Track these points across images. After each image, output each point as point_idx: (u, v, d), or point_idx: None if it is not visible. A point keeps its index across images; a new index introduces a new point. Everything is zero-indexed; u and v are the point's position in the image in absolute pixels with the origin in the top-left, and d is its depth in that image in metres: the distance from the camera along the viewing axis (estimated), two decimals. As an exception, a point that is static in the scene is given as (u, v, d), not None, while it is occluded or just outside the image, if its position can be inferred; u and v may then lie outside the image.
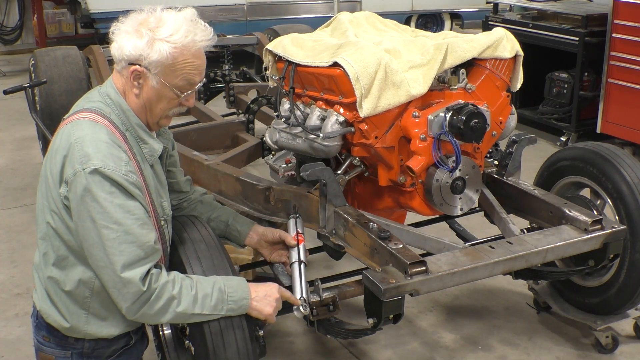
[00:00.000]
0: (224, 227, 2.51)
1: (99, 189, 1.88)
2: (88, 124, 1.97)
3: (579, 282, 3.14)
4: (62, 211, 1.96)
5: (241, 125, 4.29)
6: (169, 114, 2.10)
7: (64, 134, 1.98)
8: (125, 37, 1.99)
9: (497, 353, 3.19)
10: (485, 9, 9.33)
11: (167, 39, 1.97)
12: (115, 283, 1.91)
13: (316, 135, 2.60)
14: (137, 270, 1.90)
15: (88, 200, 1.88)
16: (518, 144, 2.92)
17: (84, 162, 1.89)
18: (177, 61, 1.99)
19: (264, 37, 5.82)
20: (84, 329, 2.05)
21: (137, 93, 2.04)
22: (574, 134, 6.09)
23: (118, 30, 2.02)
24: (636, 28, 5.33)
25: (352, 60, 2.49)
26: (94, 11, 8.08)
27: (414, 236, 2.64)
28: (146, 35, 1.96)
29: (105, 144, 1.93)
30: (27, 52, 9.14)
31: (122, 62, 2.01)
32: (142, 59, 1.97)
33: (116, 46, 2.00)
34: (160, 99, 2.04)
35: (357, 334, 2.71)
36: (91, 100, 2.07)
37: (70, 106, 2.16)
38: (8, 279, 3.92)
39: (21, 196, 5.13)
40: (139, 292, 1.91)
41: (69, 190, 1.91)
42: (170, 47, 1.96)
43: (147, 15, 2.02)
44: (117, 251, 1.88)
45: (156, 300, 1.94)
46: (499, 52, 2.72)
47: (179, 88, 2.03)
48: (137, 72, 2.00)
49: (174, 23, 1.99)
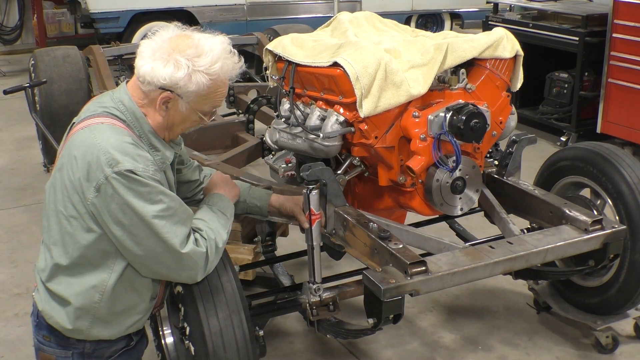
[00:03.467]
0: (244, 206, 2.56)
1: (135, 186, 1.90)
2: (108, 128, 1.97)
3: (579, 282, 3.14)
4: (85, 216, 1.95)
5: (241, 125, 4.29)
6: (185, 132, 2.16)
7: (82, 139, 1.97)
8: (160, 63, 1.96)
9: (497, 353, 3.19)
10: (485, 9, 9.32)
11: (205, 70, 1.97)
12: (179, 262, 2.00)
13: (316, 135, 2.60)
14: (189, 241, 2.01)
15: (128, 199, 1.90)
16: (518, 144, 2.92)
17: (113, 165, 1.89)
18: (210, 91, 2.02)
19: (264, 37, 5.82)
20: (87, 331, 2.05)
21: (163, 115, 2.04)
22: (574, 134, 6.09)
23: (149, 50, 1.99)
24: (636, 28, 5.33)
25: (352, 60, 2.49)
26: (94, 11, 8.06)
27: (414, 236, 2.64)
28: (185, 67, 1.95)
29: (131, 146, 1.95)
30: (27, 52, 9.14)
31: (151, 85, 1.98)
32: (177, 88, 1.97)
33: (147, 68, 1.97)
34: (185, 122, 2.09)
35: (357, 334, 2.71)
36: (103, 105, 2.06)
37: (71, 106, 2.17)
38: (8, 279, 3.92)
39: (21, 196, 5.13)
40: (203, 255, 2.04)
41: (99, 195, 1.90)
42: (207, 79, 1.98)
43: (182, 40, 1.99)
44: (172, 234, 1.96)
45: (212, 249, 2.08)
46: (499, 52, 2.72)
47: (204, 113, 2.08)
48: (168, 98, 2.00)
49: (212, 53, 1.98)
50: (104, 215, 1.93)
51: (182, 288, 2.19)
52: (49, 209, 2.04)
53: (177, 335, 2.48)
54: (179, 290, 2.20)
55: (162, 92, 1.99)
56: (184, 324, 2.20)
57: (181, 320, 2.23)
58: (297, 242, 3.54)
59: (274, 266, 3.08)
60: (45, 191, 2.09)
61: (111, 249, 2.00)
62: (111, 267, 2.02)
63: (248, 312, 2.19)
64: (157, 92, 1.99)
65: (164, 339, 2.71)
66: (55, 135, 4.52)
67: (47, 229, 2.06)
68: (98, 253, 1.99)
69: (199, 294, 2.13)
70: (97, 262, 2.00)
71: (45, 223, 2.06)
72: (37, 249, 2.20)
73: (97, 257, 2.00)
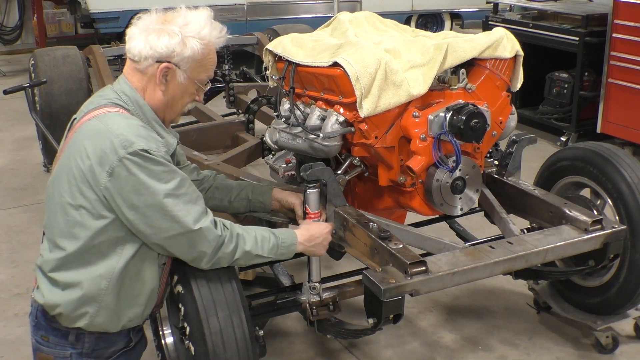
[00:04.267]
0: (247, 203, 2.59)
1: (150, 165, 1.95)
2: (117, 115, 2.03)
3: (579, 282, 3.14)
4: (96, 203, 1.97)
5: (241, 125, 4.29)
6: (183, 110, 2.21)
7: (91, 127, 2.00)
8: (154, 36, 2.04)
9: (497, 353, 3.19)
10: (485, 9, 9.32)
11: (197, 35, 2.07)
12: (192, 240, 2.03)
13: (316, 135, 2.60)
14: (205, 220, 2.04)
15: (142, 178, 1.94)
16: (518, 144, 2.92)
17: (127, 147, 1.93)
18: (204, 56, 2.10)
19: (264, 37, 5.82)
20: (91, 320, 2.04)
21: (163, 90, 2.10)
22: (574, 134, 6.09)
23: (138, 29, 2.07)
24: (636, 28, 5.33)
25: (352, 60, 2.49)
26: (94, 11, 8.07)
27: (414, 236, 2.64)
28: (178, 34, 2.04)
29: (142, 129, 2.02)
30: (27, 52, 9.14)
31: (148, 60, 2.06)
32: (173, 56, 2.05)
33: (141, 45, 2.05)
34: (183, 95, 2.14)
35: (357, 334, 2.71)
36: (106, 97, 2.10)
37: (71, 106, 2.19)
38: (8, 279, 3.92)
39: (21, 196, 5.13)
40: (216, 237, 2.06)
41: (112, 179, 1.94)
42: (200, 44, 2.08)
43: (169, 14, 2.10)
44: (185, 212, 2.00)
45: (230, 241, 2.10)
46: (499, 52, 2.72)
47: (200, 82, 2.15)
48: (167, 69, 2.06)
49: (198, 21, 2.09)
50: (117, 199, 1.95)
51: (182, 288, 2.19)
52: (53, 203, 2.05)
53: (177, 335, 2.48)
54: (179, 290, 2.20)
55: (160, 64, 2.05)
56: (184, 324, 2.20)
57: (181, 320, 2.23)
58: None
59: (274, 266, 3.08)
60: (47, 188, 2.10)
61: (121, 234, 2.02)
62: (119, 254, 2.03)
63: (248, 312, 2.20)
64: (155, 65, 2.06)
65: (164, 339, 2.71)
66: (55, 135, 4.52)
67: (51, 224, 2.06)
68: (108, 240, 2.01)
69: (199, 294, 2.13)
70: (106, 249, 2.02)
71: (49, 219, 2.06)
72: (37, 249, 2.20)
73: (107, 245, 2.01)
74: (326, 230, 2.41)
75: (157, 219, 1.98)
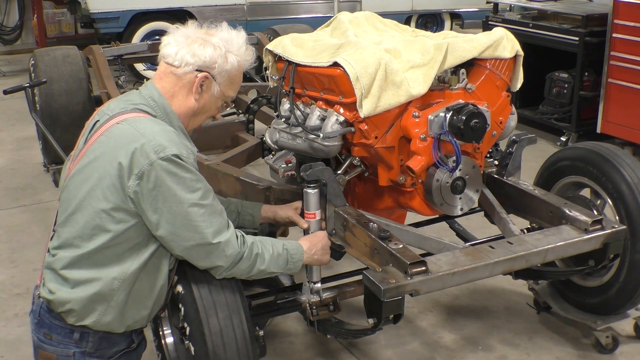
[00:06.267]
0: (236, 217, 2.58)
1: (180, 171, 1.98)
2: (149, 120, 2.06)
3: (579, 282, 3.14)
4: (120, 206, 1.98)
5: (241, 125, 4.29)
6: (202, 123, 2.27)
7: (122, 131, 2.01)
8: (198, 45, 2.11)
9: (497, 353, 3.19)
10: (485, 9, 9.31)
11: (236, 52, 2.17)
12: (210, 252, 2.05)
13: (316, 135, 2.60)
14: (226, 234, 2.07)
15: (171, 185, 1.96)
16: (518, 144, 2.92)
17: (160, 151, 1.96)
18: (237, 74, 2.20)
19: (264, 37, 5.82)
20: (98, 319, 2.04)
21: (197, 98, 2.15)
22: (574, 134, 6.09)
23: (178, 36, 2.14)
24: (636, 28, 5.33)
25: (352, 60, 2.49)
26: (94, 11, 8.06)
27: (414, 236, 2.64)
28: (222, 47, 2.13)
29: (174, 134, 2.05)
30: (27, 52, 9.13)
31: (188, 66, 2.11)
32: (214, 67, 2.13)
33: (183, 51, 2.10)
34: (210, 108, 2.21)
35: (357, 334, 2.71)
36: (133, 103, 2.12)
37: (71, 106, 2.20)
38: (8, 279, 3.92)
39: (21, 196, 5.13)
40: (234, 253, 2.09)
41: (141, 182, 1.95)
42: (237, 61, 2.17)
43: (210, 29, 2.18)
44: (207, 224, 2.03)
45: (247, 258, 2.13)
46: (499, 52, 2.72)
47: (227, 99, 2.23)
48: (205, 79, 2.13)
49: (238, 39, 2.20)
50: (143, 203, 1.97)
51: (182, 288, 2.19)
52: (71, 203, 2.05)
53: (177, 335, 2.48)
54: (179, 290, 2.20)
55: (199, 73, 2.12)
56: (184, 324, 2.21)
57: (181, 320, 2.23)
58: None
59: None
60: (66, 187, 2.09)
61: (139, 239, 2.03)
62: (134, 258, 2.04)
63: (248, 312, 2.20)
64: (194, 73, 2.12)
65: (164, 339, 2.71)
66: (55, 135, 4.52)
67: (68, 223, 2.05)
68: (126, 243, 2.02)
69: (199, 294, 2.13)
70: (122, 252, 2.03)
71: (66, 218, 2.06)
72: (37, 249, 2.20)
73: (124, 248, 2.02)
74: (322, 235, 2.44)
75: (180, 227, 2.00)
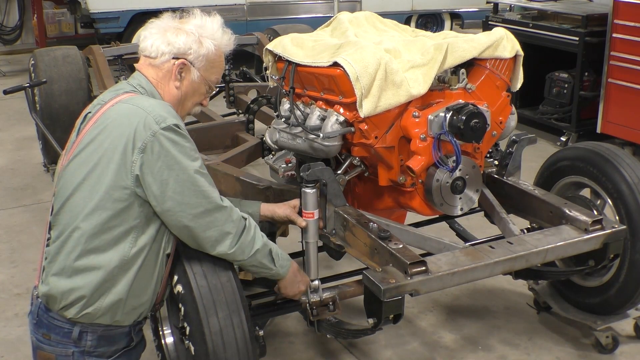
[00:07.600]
0: None
1: (181, 140, 2.02)
2: (144, 96, 2.12)
3: (579, 282, 3.14)
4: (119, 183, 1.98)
5: (241, 125, 4.29)
6: (190, 111, 2.29)
7: (120, 110, 2.05)
8: (172, 34, 2.16)
9: (497, 353, 3.19)
10: (485, 9, 9.32)
11: (211, 36, 2.20)
12: (218, 218, 2.07)
13: (316, 135, 2.60)
14: (226, 201, 2.12)
15: (175, 153, 2.00)
16: (518, 144, 2.92)
17: (160, 122, 2.00)
18: (215, 57, 2.22)
19: (264, 37, 5.82)
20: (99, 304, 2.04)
21: (177, 85, 2.19)
22: (574, 134, 6.09)
23: (153, 29, 2.19)
24: (636, 28, 5.33)
25: (352, 60, 2.49)
26: (94, 11, 8.06)
27: (414, 236, 2.65)
28: (196, 33, 2.17)
29: (171, 107, 2.10)
30: (27, 52, 9.13)
31: (164, 56, 2.16)
32: (189, 53, 2.16)
33: (158, 42, 2.16)
34: (195, 94, 2.24)
35: (357, 334, 2.71)
36: (124, 89, 2.16)
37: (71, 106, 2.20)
38: (8, 279, 3.92)
39: (21, 196, 5.13)
40: (239, 218, 2.12)
41: (144, 155, 1.98)
42: (213, 45, 2.20)
43: (185, 17, 2.22)
44: (212, 189, 2.08)
45: (248, 229, 2.15)
46: (499, 52, 2.72)
47: (210, 83, 2.25)
48: (183, 65, 2.16)
49: (212, 24, 2.23)
50: (147, 176, 1.99)
51: (182, 288, 2.19)
52: (65, 191, 2.04)
53: (177, 335, 2.48)
54: (179, 290, 2.20)
55: (176, 60, 2.15)
56: (184, 323, 2.20)
57: (181, 320, 2.23)
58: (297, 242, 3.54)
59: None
60: (59, 178, 2.09)
61: (136, 222, 2.03)
62: (133, 242, 2.04)
63: (248, 312, 2.19)
64: (171, 61, 2.16)
65: (164, 338, 2.71)
66: (55, 135, 4.52)
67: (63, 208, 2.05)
68: (122, 226, 2.01)
69: (199, 294, 2.13)
70: (120, 236, 2.02)
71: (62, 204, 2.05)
72: (37, 249, 2.20)
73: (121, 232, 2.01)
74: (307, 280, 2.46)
75: (187, 195, 2.02)
